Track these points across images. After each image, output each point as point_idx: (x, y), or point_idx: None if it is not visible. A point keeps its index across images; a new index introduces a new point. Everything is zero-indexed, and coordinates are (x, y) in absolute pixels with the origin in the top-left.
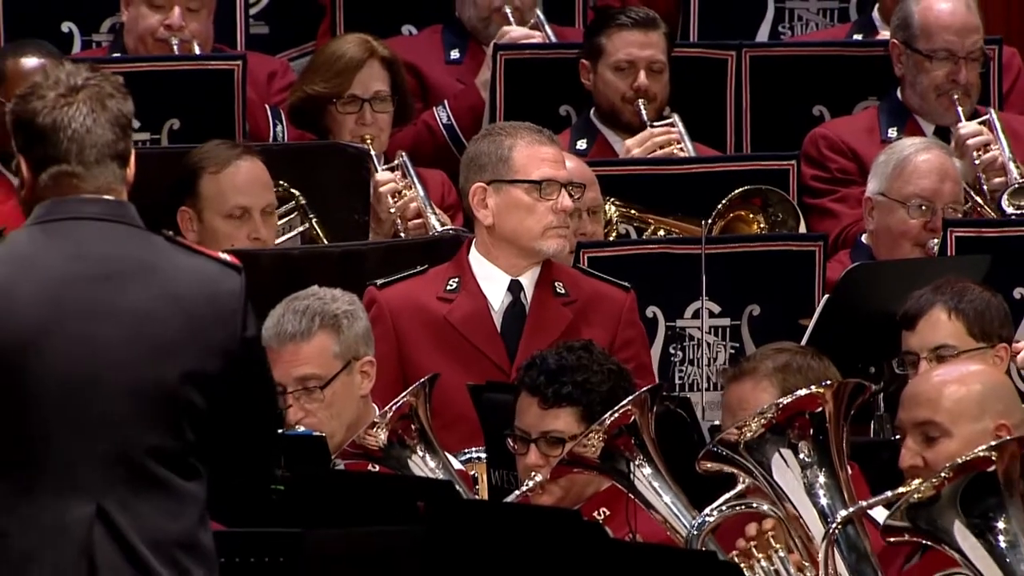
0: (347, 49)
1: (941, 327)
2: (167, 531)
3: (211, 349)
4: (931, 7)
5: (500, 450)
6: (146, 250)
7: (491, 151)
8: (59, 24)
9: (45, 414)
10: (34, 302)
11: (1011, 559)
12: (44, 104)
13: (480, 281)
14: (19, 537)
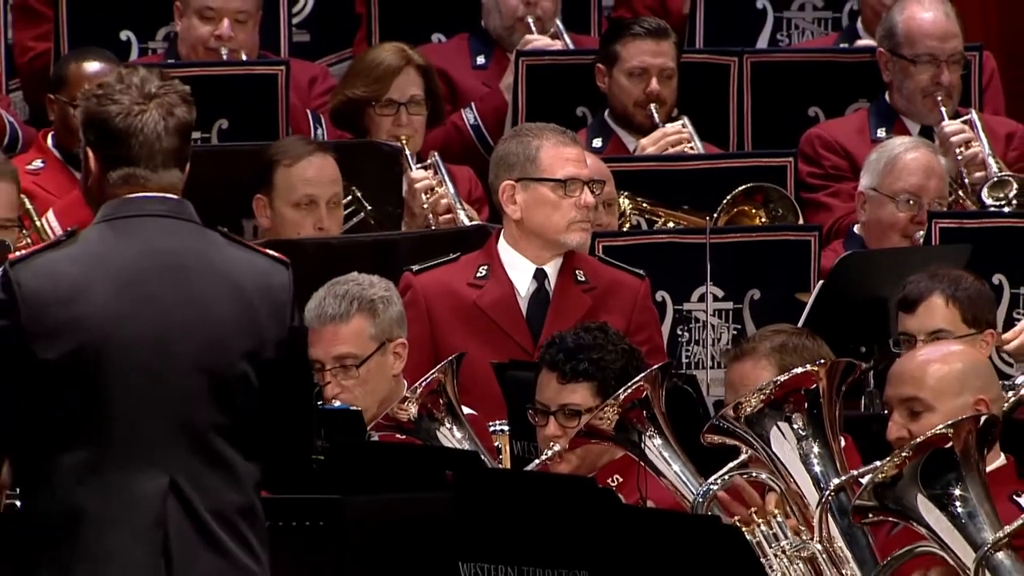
0: (385, 57)
1: (939, 313)
2: (229, 501)
3: (265, 335)
4: (914, 16)
5: (522, 422)
6: (206, 244)
7: (519, 151)
8: (118, 32)
9: (122, 396)
10: (110, 294)
11: (971, 528)
12: (120, 109)
13: (508, 269)
14: (95, 509)
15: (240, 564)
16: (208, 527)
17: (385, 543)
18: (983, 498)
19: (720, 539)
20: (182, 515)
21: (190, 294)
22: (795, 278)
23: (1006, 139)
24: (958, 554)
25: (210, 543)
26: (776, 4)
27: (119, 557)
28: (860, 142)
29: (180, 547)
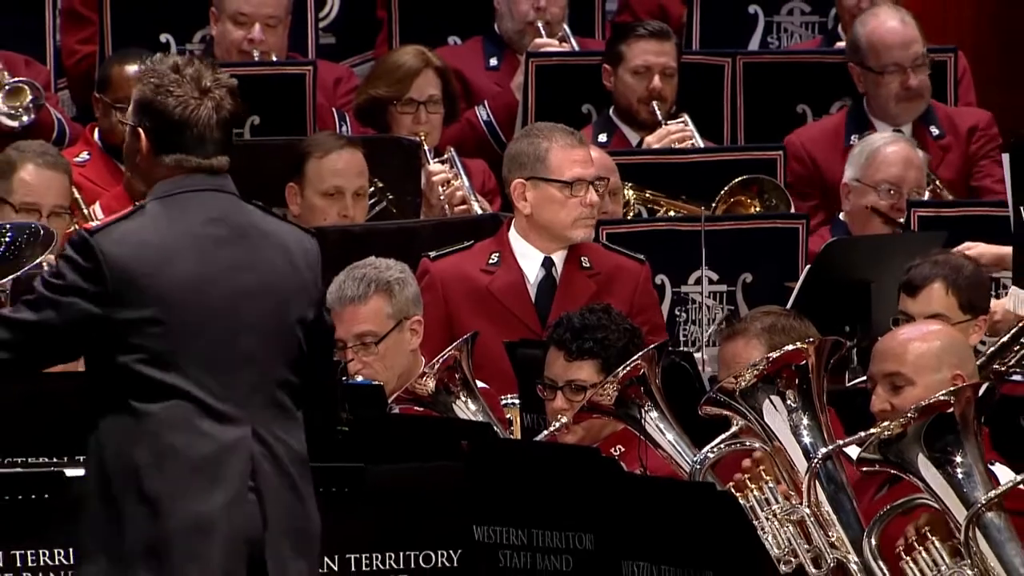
0: (406, 59)
1: (938, 300)
2: (295, 449)
3: (310, 298)
4: (875, 30)
5: (531, 397)
6: (255, 216)
7: (529, 152)
8: (158, 35)
9: (203, 354)
10: (191, 260)
11: (966, 487)
12: (177, 102)
13: (518, 257)
14: (187, 452)
15: (308, 508)
16: (287, 470)
17: (405, 508)
18: (978, 460)
19: (715, 504)
20: (266, 459)
21: (254, 259)
22: (784, 262)
23: (967, 133)
24: (951, 510)
25: (289, 484)
26: (766, 9)
27: (214, 498)
28: (832, 150)
29: (267, 486)
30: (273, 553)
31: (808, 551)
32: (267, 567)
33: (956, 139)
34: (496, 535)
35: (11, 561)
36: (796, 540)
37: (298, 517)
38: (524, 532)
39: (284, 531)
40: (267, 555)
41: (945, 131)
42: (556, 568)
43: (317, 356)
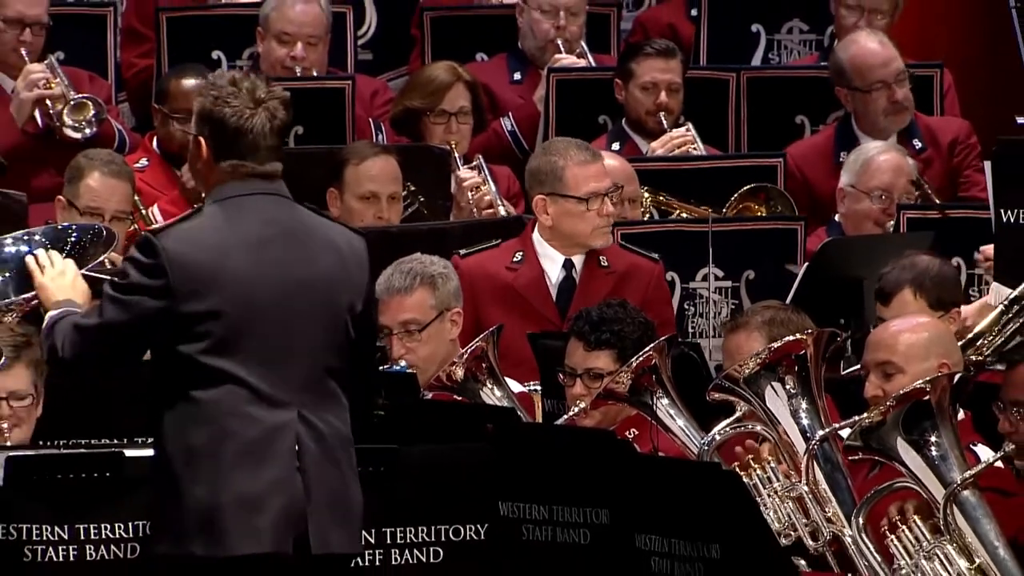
0: (439, 74)
1: (909, 304)
2: (340, 430)
3: (358, 291)
4: (857, 54)
5: (552, 384)
6: (305, 217)
7: (547, 169)
8: (210, 52)
9: (256, 344)
10: (244, 257)
11: (942, 468)
12: (234, 111)
13: (540, 258)
14: (241, 434)
15: (350, 485)
16: (331, 450)
17: (436, 485)
18: (953, 444)
19: (721, 482)
20: (311, 440)
21: (304, 255)
22: (784, 260)
23: (948, 146)
24: (930, 490)
25: (332, 462)
26: (768, 28)
27: (262, 475)
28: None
29: (311, 464)
30: (315, 525)
31: (806, 525)
32: (309, 538)
33: (938, 152)
34: (519, 510)
35: (76, 534)
36: (795, 515)
37: (340, 493)
38: (545, 508)
39: (326, 505)
40: (310, 527)
41: (927, 144)
42: (575, 541)
43: (362, 346)
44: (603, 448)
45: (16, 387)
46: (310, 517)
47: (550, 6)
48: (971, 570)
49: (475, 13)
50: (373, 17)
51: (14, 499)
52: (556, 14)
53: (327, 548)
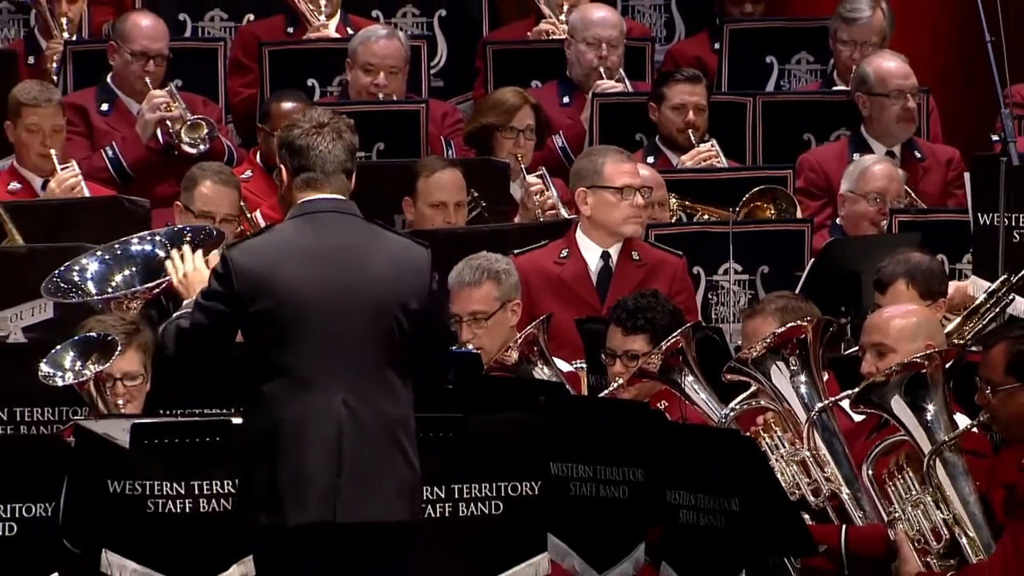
0: (510, 97)
1: (902, 294)
2: (387, 414)
3: (412, 293)
4: (880, 66)
5: (595, 363)
6: (368, 231)
7: (588, 167)
8: (305, 80)
9: (309, 340)
10: (298, 266)
11: (934, 427)
12: (301, 131)
13: (582, 252)
14: (291, 420)
15: (393, 460)
16: (370, 433)
17: (496, 449)
18: (943, 410)
19: (739, 447)
20: (352, 424)
21: (356, 263)
22: (794, 257)
23: (946, 164)
24: (920, 445)
25: (370, 445)
26: (779, 59)
27: (309, 453)
28: (839, 164)
29: (349, 447)
30: (345, 497)
31: (808, 484)
32: (340, 508)
33: (935, 162)
34: (568, 470)
35: (190, 490)
36: (799, 476)
37: (375, 468)
38: (590, 467)
39: (359, 479)
40: (339, 498)
41: (926, 156)
42: (615, 496)
43: (425, 336)
44: (638, 417)
45: (128, 368)
46: (340, 490)
47: (594, 39)
48: (946, 519)
49: (530, 47)
50: (444, 50)
51: (138, 460)
52: (599, 47)
53: (356, 517)
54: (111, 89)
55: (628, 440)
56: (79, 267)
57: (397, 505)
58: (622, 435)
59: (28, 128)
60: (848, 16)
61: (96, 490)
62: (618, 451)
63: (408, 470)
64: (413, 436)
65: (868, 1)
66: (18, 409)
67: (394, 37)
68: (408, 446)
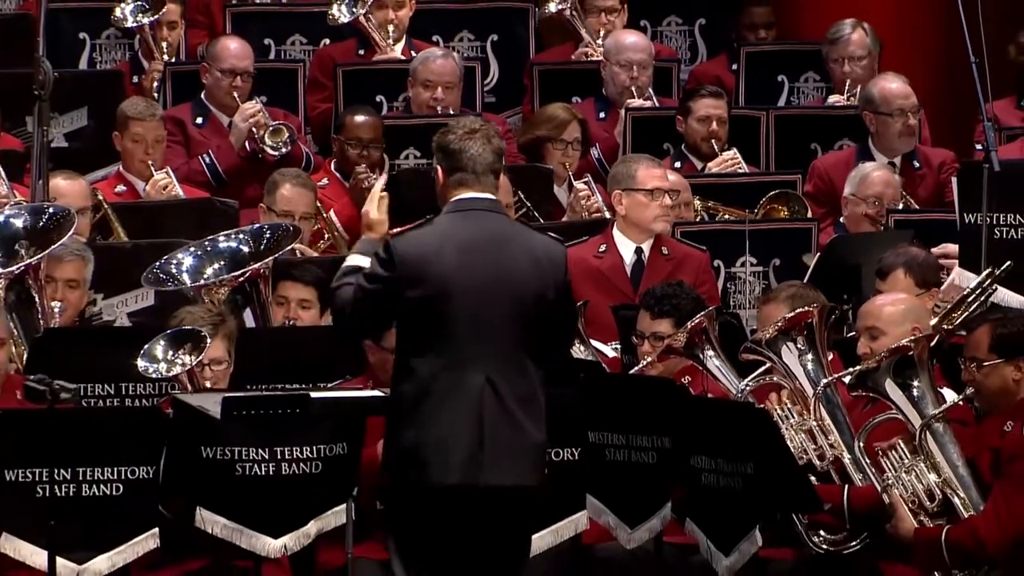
0: (560, 113)
1: (900, 281)
2: (522, 391)
3: (549, 284)
4: (885, 87)
5: (628, 344)
6: (512, 227)
7: (624, 172)
8: (374, 96)
9: (459, 323)
10: (454, 257)
11: (921, 404)
12: (455, 137)
13: (618, 247)
14: (438, 392)
15: (527, 432)
16: (508, 408)
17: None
18: (929, 388)
19: (754, 417)
20: (494, 399)
21: (501, 257)
22: (802, 251)
23: (939, 166)
24: (910, 420)
25: (508, 418)
26: (790, 78)
27: (453, 422)
28: (845, 172)
29: (490, 419)
30: (487, 463)
31: (815, 450)
32: (482, 473)
33: (930, 170)
34: (604, 438)
35: (273, 454)
36: (806, 443)
37: (512, 439)
38: (623, 436)
39: (498, 448)
40: (483, 465)
41: (923, 165)
42: (645, 461)
43: (556, 322)
44: (666, 392)
45: (215, 355)
46: (482, 457)
47: (626, 62)
48: (938, 482)
49: (571, 67)
50: (495, 70)
51: (228, 429)
52: (631, 68)
53: (495, 481)
54: (204, 104)
55: (656, 412)
56: (176, 260)
57: (530, 472)
58: (651, 407)
59: (133, 139)
60: (833, 37)
61: (191, 455)
62: (648, 421)
63: (538, 441)
64: (543, 410)
65: (850, 22)
66: (123, 384)
67: (449, 57)
68: (539, 419)
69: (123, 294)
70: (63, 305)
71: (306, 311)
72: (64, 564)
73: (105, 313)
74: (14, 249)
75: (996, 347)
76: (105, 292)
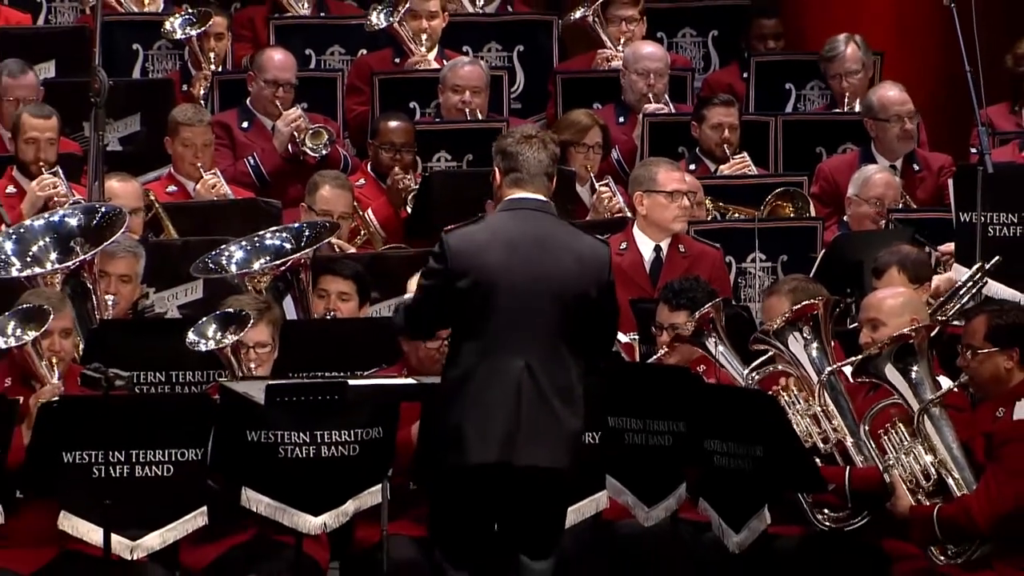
0: (582, 118)
1: (895, 278)
2: (560, 381)
3: (591, 282)
4: (883, 95)
5: (646, 334)
6: (559, 226)
7: (644, 174)
8: (408, 102)
9: (502, 313)
10: (501, 252)
11: (920, 389)
12: (513, 141)
13: (638, 245)
14: (480, 376)
15: (562, 418)
16: (545, 395)
17: None
18: (928, 374)
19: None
20: (531, 385)
21: (546, 255)
22: (808, 248)
23: (938, 170)
24: (911, 404)
25: (544, 404)
26: (796, 86)
27: (492, 405)
28: (848, 174)
29: (527, 403)
30: (521, 445)
31: (819, 434)
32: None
33: (930, 173)
34: (622, 422)
35: (314, 438)
36: (811, 427)
37: (546, 424)
38: (640, 420)
39: (530, 431)
40: (515, 445)
41: (923, 168)
42: (661, 444)
43: (599, 319)
44: (681, 379)
45: (259, 339)
46: (517, 438)
47: (643, 70)
48: (934, 463)
49: (592, 75)
50: (521, 78)
51: (272, 414)
52: (648, 76)
53: (528, 461)
54: (249, 110)
55: (672, 398)
56: (227, 253)
57: (562, 455)
58: (667, 394)
59: (183, 143)
60: (829, 55)
61: (237, 439)
62: (664, 407)
63: (573, 428)
64: (580, 401)
65: (842, 38)
66: (174, 372)
67: (476, 64)
68: (575, 409)
69: (173, 288)
70: (116, 298)
71: (345, 303)
72: (118, 540)
73: (157, 306)
74: (70, 246)
75: (991, 336)
76: (157, 286)
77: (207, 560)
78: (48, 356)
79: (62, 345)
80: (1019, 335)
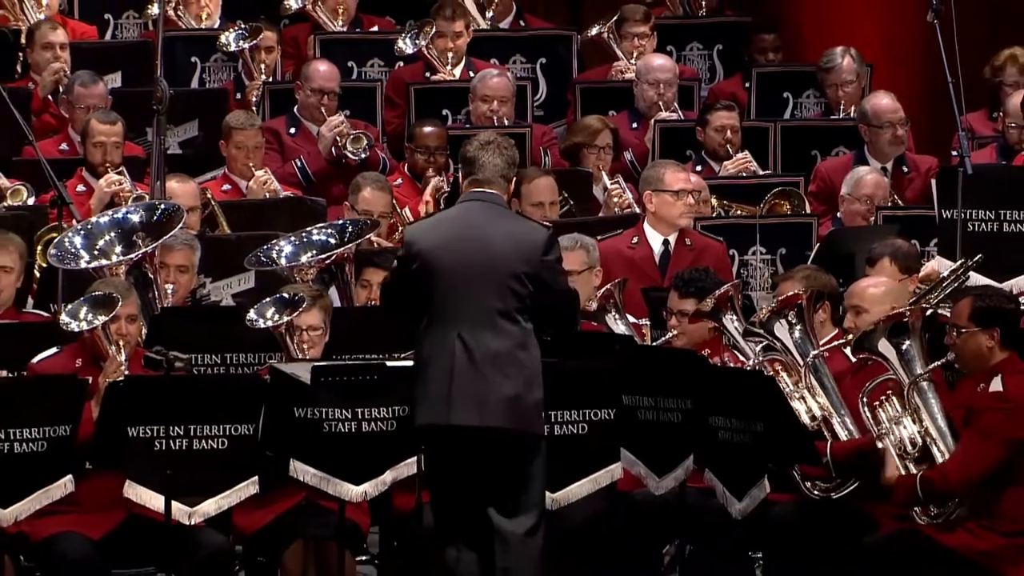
0: (594, 123)
1: (886, 268)
2: (492, 348)
3: (523, 261)
4: (878, 103)
5: (657, 321)
6: (502, 215)
7: (653, 175)
8: (440, 110)
9: (443, 291)
10: (444, 236)
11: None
12: (472, 148)
13: (648, 239)
14: (426, 348)
15: (492, 382)
16: (475, 361)
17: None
18: (919, 351)
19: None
20: (463, 353)
21: (485, 238)
22: (804, 242)
23: (926, 171)
24: (903, 378)
25: (476, 371)
26: (793, 95)
27: (432, 377)
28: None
29: (459, 369)
30: (452, 407)
31: (807, 412)
32: (451, 413)
33: (918, 174)
34: (636, 400)
35: (355, 415)
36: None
37: (475, 388)
38: (652, 399)
39: (463, 394)
40: (450, 407)
41: (911, 169)
42: (671, 420)
43: (539, 292)
44: (689, 361)
45: (312, 322)
46: (451, 400)
47: (654, 80)
48: (920, 432)
49: (607, 85)
50: (544, 88)
51: (317, 392)
52: (658, 86)
53: (462, 420)
54: (297, 117)
55: (681, 378)
56: (277, 247)
57: (497, 415)
58: (676, 375)
59: (236, 146)
60: (826, 66)
61: (285, 415)
62: (673, 386)
63: (509, 391)
64: (520, 366)
65: (839, 50)
66: (228, 354)
67: (503, 75)
68: (511, 373)
69: (228, 278)
70: (175, 287)
71: None
72: (178, 507)
73: (213, 295)
74: (132, 240)
75: (975, 317)
76: (212, 277)
77: (259, 524)
78: (116, 339)
79: (128, 329)
80: (1000, 316)
